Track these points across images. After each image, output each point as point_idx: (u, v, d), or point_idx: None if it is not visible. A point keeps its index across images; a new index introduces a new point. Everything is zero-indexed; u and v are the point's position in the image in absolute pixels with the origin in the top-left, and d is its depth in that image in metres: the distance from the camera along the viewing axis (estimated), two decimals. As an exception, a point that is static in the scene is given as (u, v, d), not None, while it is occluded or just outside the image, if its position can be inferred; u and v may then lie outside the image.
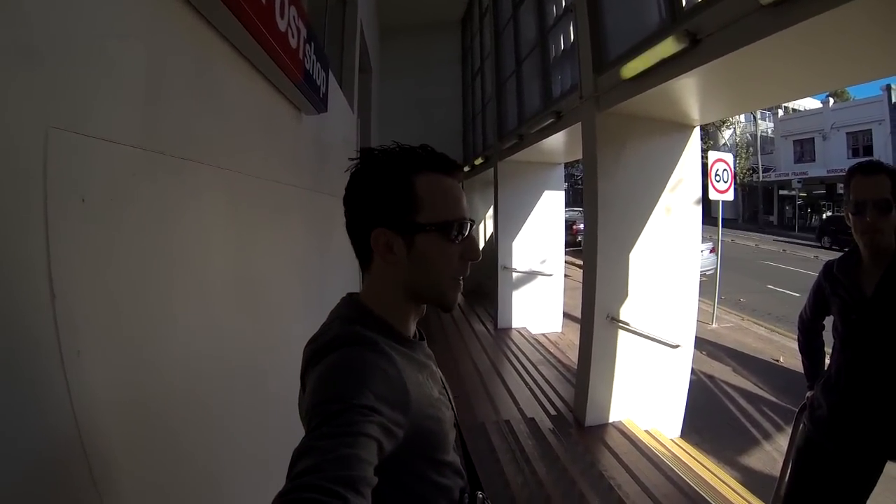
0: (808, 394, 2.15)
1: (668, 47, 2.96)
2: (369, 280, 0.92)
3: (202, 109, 1.52)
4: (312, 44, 2.49)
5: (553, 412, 4.78)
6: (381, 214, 0.87)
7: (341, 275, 4.44)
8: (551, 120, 5.38)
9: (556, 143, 6.15)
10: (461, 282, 0.92)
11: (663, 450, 3.93)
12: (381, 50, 10.38)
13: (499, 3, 8.59)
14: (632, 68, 3.42)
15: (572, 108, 4.82)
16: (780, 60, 2.68)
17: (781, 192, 27.70)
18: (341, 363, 0.77)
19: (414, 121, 11.34)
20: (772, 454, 4.57)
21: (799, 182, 25.43)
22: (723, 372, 6.78)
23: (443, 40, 12.58)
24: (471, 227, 0.90)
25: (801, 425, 2.13)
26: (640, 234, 4.26)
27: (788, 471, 2.20)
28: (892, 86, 21.24)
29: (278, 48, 1.89)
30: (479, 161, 9.68)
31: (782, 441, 4.68)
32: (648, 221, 4.27)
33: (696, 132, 4.36)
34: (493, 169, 8.35)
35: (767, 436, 4.98)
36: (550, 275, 8.42)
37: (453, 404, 0.97)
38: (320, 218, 3.52)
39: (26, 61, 0.84)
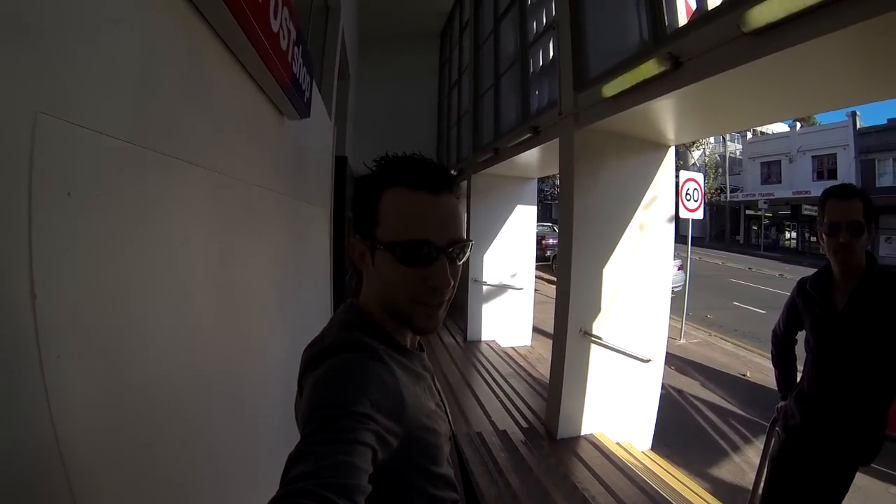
0: (780, 404, 2.25)
1: (650, 68, 3.04)
2: (363, 287, 0.91)
3: (192, 107, 1.48)
4: (300, 47, 2.45)
5: (524, 424, 4.79)
6: (356, 223, 0.88)
7: (316, 284, 4.37)
8: (528, 135, 5.43)
9: (532, 158, 6.22)
10: (433, 307, 0.84)
11: (635, 462, 3.97)
12: (359, 57, 10.35)
13: (480, 17, 8.64)
14: (613, 87, 3.49)
15: (551, 124, 4.88)
16: (758, 86, 2.78)
17: (748, 211, 28.65)
18: (340, 369, 0.76)
19: (389, 129, 11.26)
20: (740, 465, 4.67)
21: (765, 202, 26.30)
22: (691, 386, 6.94)
23: (421, 51, 12.65)
24: (438, 250, 0.81)
25: (775, 436, 2.21)
26: (613, 249, 4.32)
27: (763, 480, 2.27)
28: (857, 112, 22.33)
29: (270, 49, 1.85)
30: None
31: (750, 452, 4.83)
32: (622, 237, 4.35)
33: (672, 151, 4.48)
34: (466, 182, 8.38)
35: (735, 447, 5.09)
36: (521, 288, 8.46)
37: (450, 417, 0.97)
38: (299, 225, 3.47)
39: (18, 37, 0.79)
